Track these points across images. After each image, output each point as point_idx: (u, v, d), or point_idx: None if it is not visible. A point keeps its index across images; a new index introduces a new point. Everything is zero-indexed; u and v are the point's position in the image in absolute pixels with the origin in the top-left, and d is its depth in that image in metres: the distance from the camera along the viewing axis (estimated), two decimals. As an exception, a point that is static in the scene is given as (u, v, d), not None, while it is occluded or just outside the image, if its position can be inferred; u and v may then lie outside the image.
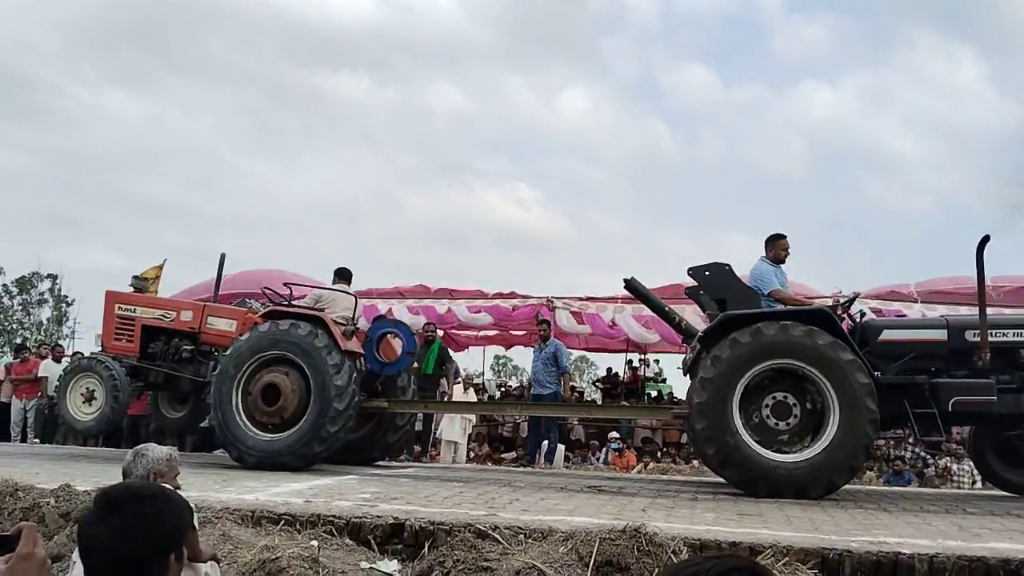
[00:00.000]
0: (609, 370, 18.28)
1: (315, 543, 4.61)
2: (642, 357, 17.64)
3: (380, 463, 9.22)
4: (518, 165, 69.46)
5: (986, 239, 7.35)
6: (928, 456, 12.22)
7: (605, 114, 65.43)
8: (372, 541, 4.84)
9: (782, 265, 7.93)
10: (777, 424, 7.06)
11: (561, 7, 65.56)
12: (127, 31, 60.22)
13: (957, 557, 4.32)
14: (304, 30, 62.03)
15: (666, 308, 8.65)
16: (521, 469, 10.26)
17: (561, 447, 12.18)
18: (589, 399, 17.96)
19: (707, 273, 7.77)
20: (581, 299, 14.90)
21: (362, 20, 62.10)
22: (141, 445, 3.71)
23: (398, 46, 64.12)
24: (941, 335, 7.54)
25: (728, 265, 7.75)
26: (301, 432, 7.75)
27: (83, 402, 8.82)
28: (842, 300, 8.04)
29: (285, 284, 8.90)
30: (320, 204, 67.66)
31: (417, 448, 12.69)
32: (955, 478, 11.13)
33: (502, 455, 13.06)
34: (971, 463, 11.01)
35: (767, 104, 62.96)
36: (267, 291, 9.02)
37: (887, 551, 4.41)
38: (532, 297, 14.80)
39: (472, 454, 12.64)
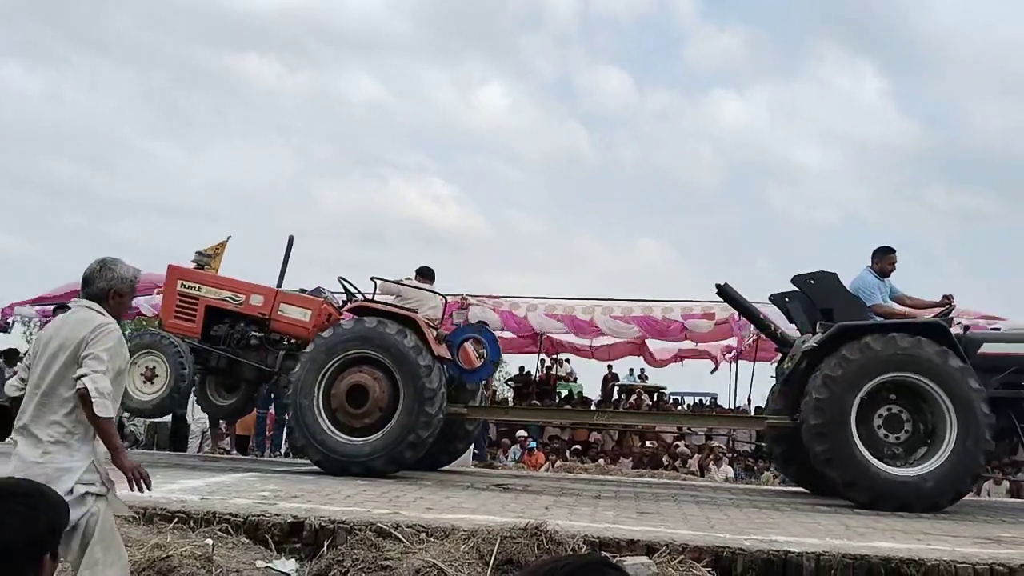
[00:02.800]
0: (521, 369, 18.41)
1: (209, 541, 4.47)
2: (555, 357, 17.85)
3: (445, 468, 9.18)
4: (435, 160, 68.89)
5: None
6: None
7: (524, 113, 65.67)
8: (270, 540, 4.73)
9: (888, 279, 7.81)
10: (887, 437, 7.05)
11: (481, 1, 65.39)
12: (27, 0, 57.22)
13: (843, 555, 4.50)
14: (216, 9, 59.99)
15: (760, 316, 8.69)
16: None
17: (471, 448, 12.18)
18: (501, 398, 18.05)
19: (812, 282, 7.72)
20: (495, 296, 14.96)
21: (276, 1, 60.54)
22: (110, 257, 3.52)
23: (312, 31, 62.64)
24: None
25: (835, 274, 7.72)
26: (391, 436, 7.41)
27: (143, 381, 8.13)
28: (942, 307, 7.84)
29: (372, 279, 8.54)
30: (229, 191, 65.62)
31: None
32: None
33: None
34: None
35: (680, 111, 64.28)
36: (343, 281, 8.67)
37: (777, 549, 4.56)
38: (447, 294, 14.74)
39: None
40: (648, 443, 14.63)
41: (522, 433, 14.13)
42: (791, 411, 7.67)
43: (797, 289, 7.94)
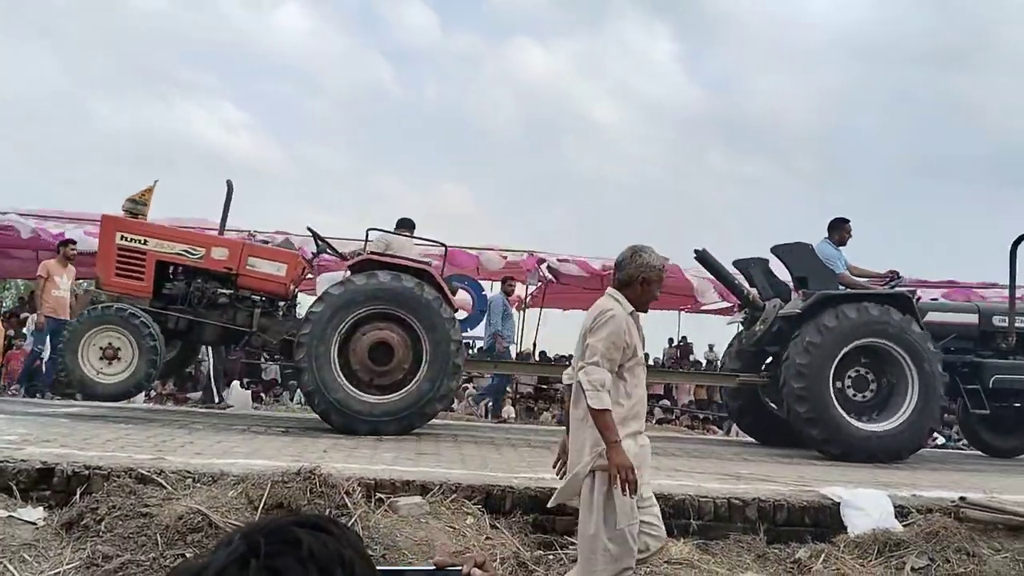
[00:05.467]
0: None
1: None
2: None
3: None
4: (227, 83, 64.39)
5: (1021, 239, 8.30)
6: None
7: (325, 39, 62.86)
8: (14, 487, 4.35)
9: (843, 248, 8.42)
10: (855, 396, 7.73)
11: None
12: None
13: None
14: None
15: (735, 281, 8.90)
16: (204, 410, 9.75)
17: (248, 393, 11.83)
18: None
19: (791, 252, 8.29)
20: (285, 233, 14.40)
21: None
22: (641, 244, 3.59)
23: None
24: (974, 319, 8.56)
25: (809, 245, 8.27)
26: (408, 401, 7.10)
27: (100, 359, 7.06)
28: (888, 282, 8.58)
29: (368, 230, 7.90)
30: (-19, 98, 57.97)
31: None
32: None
33: (187, 395, 12.32)
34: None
35: (483, 56, 64.43)
36: (312, 230, 8.00)
37: (544, 486, 4.81)
38: (230, 230, 13.99)
39: (153, 392, 11.77)
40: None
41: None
42: (754, 369, 8.61)
43: (758, 257, 8.82)
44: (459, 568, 1.18)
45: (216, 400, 10.80)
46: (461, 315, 8.75)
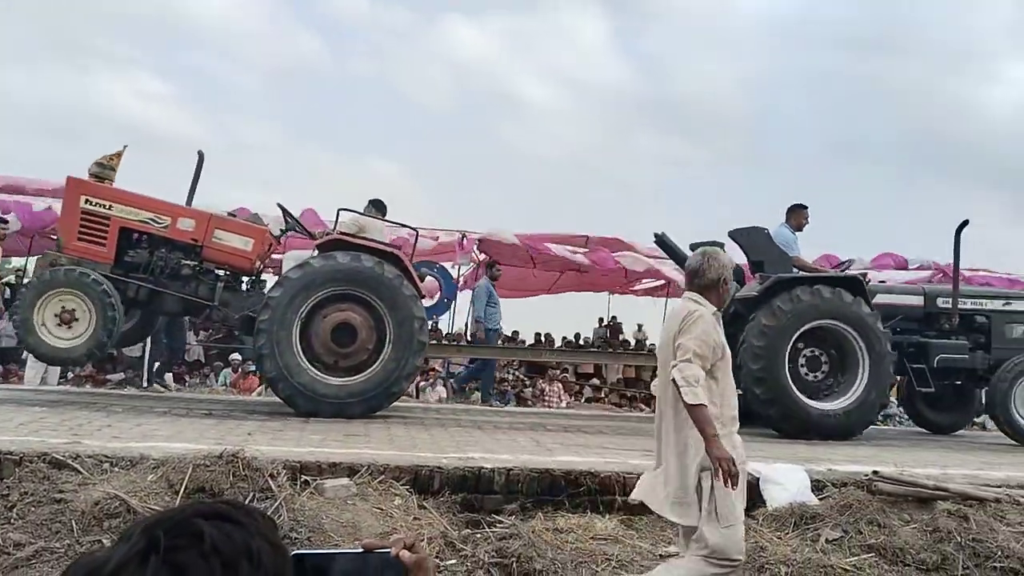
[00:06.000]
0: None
1: None
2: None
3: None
4: (148, 54, 61.74)
5: (964, 225, 8.53)
6: (526, 379, 13.64)
7: (250, 11, 60.87)
8: (-84, 476, 4.16)
9: (799, 233, 8.66)
10: (808, 375, 7.95)
11: None
12: None
13: (530, 469, 4.89)
14: None
15: None
16: (129, 392, 9.46)
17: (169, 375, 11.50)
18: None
19: (748, 235, 8.50)
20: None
21: None
22: (710, 247, 3.73)
23: None
24: (919, 301, 8.84)
25: (766, 229, 8.49)
26: (374, 381, 7.13)
27: (57, 324, 6.83)
28: (841, 265, 8.85)
29: (339, 210, 7.84)
30: None
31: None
32: (547, 398, 12.56)
33: (107, 376, 11.93)
34: (560, 386, 12.52)
35: (416, 31, 63.40)
36: (283, 207, 7.86)
37: (472, 466, 4.84)
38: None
39: (71, 374, 11.37)
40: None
41: (236, 356, 13.59)
42: None
43: (713, 241, 8.70)
44: (388, 550, 1.17)
45: (148, 384, 10.48)
46: (428, 302, 8.70)
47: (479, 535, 4.29)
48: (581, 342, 16.30)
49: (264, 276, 8.49)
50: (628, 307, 20.89)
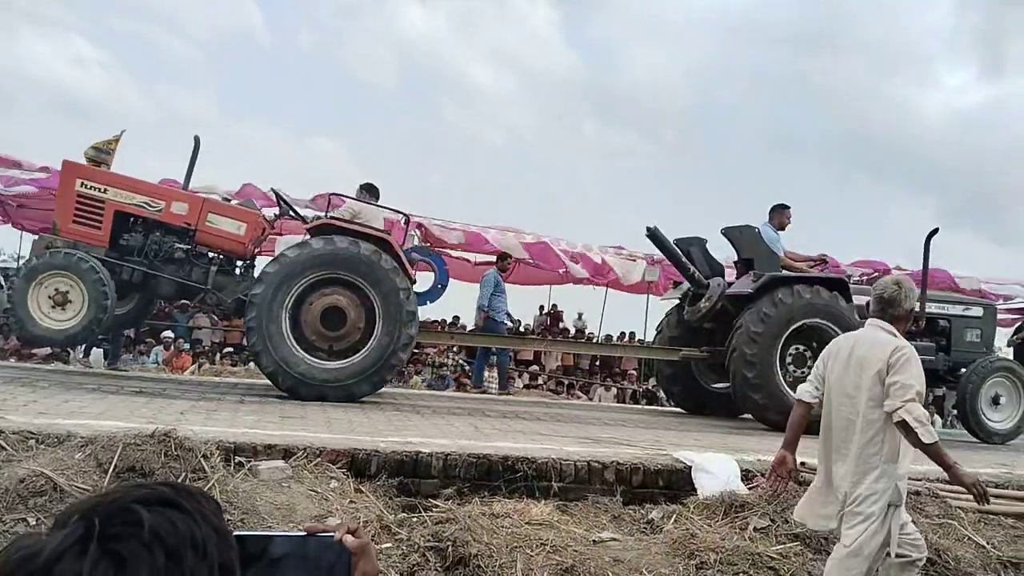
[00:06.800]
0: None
1: None
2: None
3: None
4: (78, 16, 59.35)
5: (934, 232, 8.74)
6: (466, 364, 13.66)
7: (188, -23, 59.04)
8: None
9: (782, 232, 8.94)
10: (795, 371, 8.14)
11: None
12: None
13: (467, 455, 4.91)
14: None
15: (683, 259, 9.03)
16: (53, 367, 9.17)
17: (99, 351, 11.19)
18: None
19: (740, 234, 8.85)
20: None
21: None
22: (903, 277, 3.77)
23: None
24: None
25: (756, 228, 8.80)
26: (372, 358, 7.19)
27: (51, 307, 6.78)
28: (814, 263, 9.17)
29: (330, 195, 7.91)
30: None
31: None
32: (486, 384, 12.59)
33: (33, 351, 11.54)
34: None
35: (359, 8, 62.38)
36: (277, 192, 7.83)
37: (410, 450, 4.83)
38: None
39: None
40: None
41: (168, 334, 13.31)
42: (692, 342, 9.17)
43: (697, 237, 9.33)
44: (332, 534, 1.17)
45: (108, 360, 10.21)
46: (419, 288, 8.67)
47: (415, 519, 4.30)
48: (522, 329, 16.38)
49: (259, 260, 8.52)
50: (567, 296, 21.06)
